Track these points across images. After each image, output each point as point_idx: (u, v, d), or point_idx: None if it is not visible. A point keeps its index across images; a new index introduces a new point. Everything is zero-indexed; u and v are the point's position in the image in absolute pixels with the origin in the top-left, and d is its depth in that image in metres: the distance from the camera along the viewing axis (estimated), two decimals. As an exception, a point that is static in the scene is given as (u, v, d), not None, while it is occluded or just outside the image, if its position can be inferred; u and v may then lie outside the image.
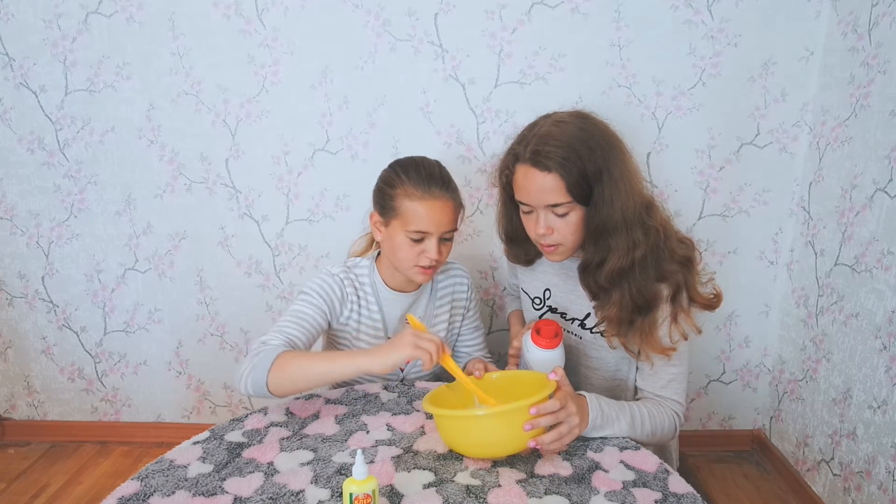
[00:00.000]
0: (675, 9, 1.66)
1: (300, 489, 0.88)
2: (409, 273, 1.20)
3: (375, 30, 1.70)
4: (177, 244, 1.90)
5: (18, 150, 1.82)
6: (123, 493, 0.87)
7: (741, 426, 2.04)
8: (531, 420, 0.89)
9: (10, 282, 1.95)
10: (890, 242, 1.44)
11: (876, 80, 1.50)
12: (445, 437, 0.97)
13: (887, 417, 1.44)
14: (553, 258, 1.11)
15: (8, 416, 2.10)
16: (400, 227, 1.16)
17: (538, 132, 1.02)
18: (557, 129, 1.01)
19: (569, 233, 1.05)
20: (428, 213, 1.14)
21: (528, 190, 1.03)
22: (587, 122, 1.04)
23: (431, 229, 1.15)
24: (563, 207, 1.02)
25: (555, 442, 0.92)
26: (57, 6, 1.70)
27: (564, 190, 1.00)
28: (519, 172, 1.04)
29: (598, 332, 1.15)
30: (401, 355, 0.97)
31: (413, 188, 1.15)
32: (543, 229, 1.05)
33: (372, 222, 1.24)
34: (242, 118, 1.78)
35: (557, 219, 1.04)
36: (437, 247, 1.16)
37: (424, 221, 1.14)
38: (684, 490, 0.89)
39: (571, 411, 0.93)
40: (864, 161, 1.54)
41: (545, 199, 1.02)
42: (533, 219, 1.07)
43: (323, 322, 1.20)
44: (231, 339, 1.98)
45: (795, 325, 1.83)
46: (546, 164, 0.99)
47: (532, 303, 1.25)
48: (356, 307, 1.25)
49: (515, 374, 1.10)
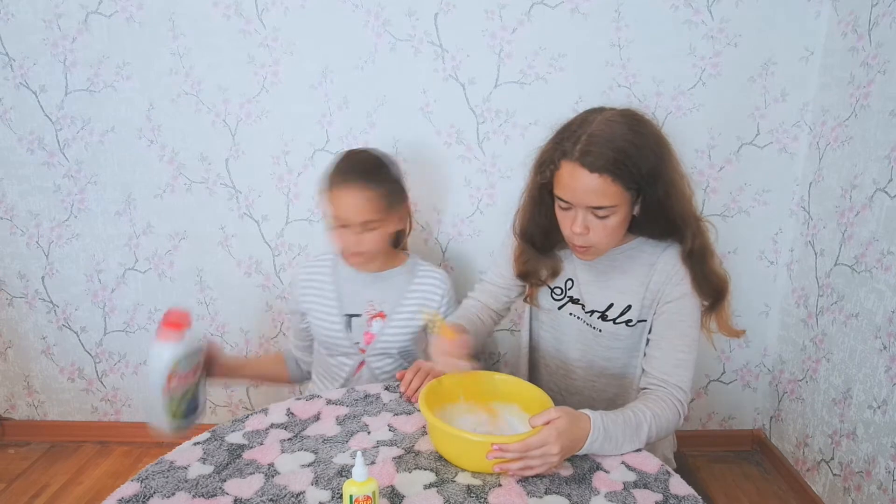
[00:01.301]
0: (675, 9, 1.66)
1: (301, 490, 0.88)
2: (344, 258, 1.31)
3: (375, 30, 1.70)
4: (177, 244, 1.90)
5: (18, 150, 1.82)
6: (123, 494, 0.87)
7: (741, 426, 2.04)
8: (495, 453, 0.89)
9: (10, 282, 1.95)
10: (890, 242, 1.44)
11: (876, 80, 1.50)
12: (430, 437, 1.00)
13: (887, 417, 1.44)
14: (584, 258, 1.11)
15: (8, 416, 2.10)
16: (328, 216, 1.25)
17: (588, 130, 1.00)
18: (609, 130, 0.99)
19: (605, 235, 1.05)
20: (337, 203, 1.22)
21: (574, 189, 1.01)
22: (639, 125, 1.02)
23: (341, 220, 1.22)
24: (605, 210, 1.02)
25: (523, 470, 0.90)
26: (57, 6, 1.70)
27: (611, 193, 1.00)
28: (565, 169, 1.02)
29: (622, 321, 1.15)
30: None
31: (332, 179, 1.23)
32: (581, 228, 1.04)
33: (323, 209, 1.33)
34: (242, 118, 1.78)
35: (597, 220, 1.03)
36: (353, 236, 1.21)
37: (336, 212, 1.22)
38: (685, 492, 0.89)
39: (549, 451, 0.89)
40: (864, 161, 1.54)
41: (589, 200, 1.01)
42: (570, 216, 1.06)
43: (298, 320, 1.41)
44: (231, 339, 1.98)
45: (795, 325, 1.83)
46: (597, 165, 0.98)
47: (552, 293, 1.24)
48: (318, 291, 1.35)
49: (518, 381, 1.09)
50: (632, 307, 1.14)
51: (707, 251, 1.10)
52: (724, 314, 1.13)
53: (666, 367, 1.09)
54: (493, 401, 1.06)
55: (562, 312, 1.21)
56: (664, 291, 1.11)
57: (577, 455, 0.96)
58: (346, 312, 1.34)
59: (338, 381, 1.39)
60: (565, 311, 1.21)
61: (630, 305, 1.14)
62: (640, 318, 1.14)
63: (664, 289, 1.11)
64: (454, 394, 1.05)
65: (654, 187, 1.01)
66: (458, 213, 1.84)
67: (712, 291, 1.11)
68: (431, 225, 1.86)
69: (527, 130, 1.75)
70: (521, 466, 0.89)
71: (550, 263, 1.20)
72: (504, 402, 1.06)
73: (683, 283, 1.10)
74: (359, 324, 1.35)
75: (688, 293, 1.10)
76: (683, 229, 1.07)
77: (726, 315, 1.13)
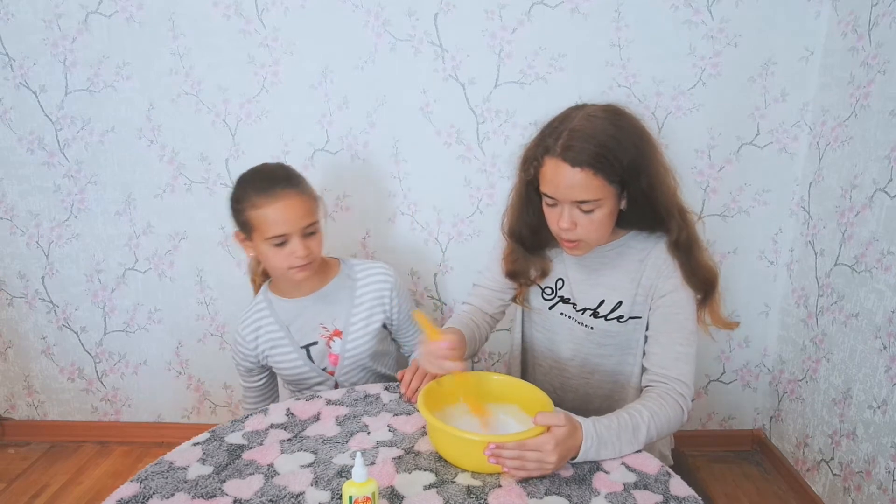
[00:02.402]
0: (675, 9, 1.66)
1: (300, 491, 0.88)
2: (287, 276, 1.22)
3: (375, 30, 1.70)
4: (177, 244, 1.90)
5: (18, 150, 1.82)
6: (123, 494, 0.87)
7: (741, 426, 2.04)
8: (491, 450, 0.89)
9: (10, 282, 1.95)
10: (890, 242, 1.44)
11: (876, 80, 1.50)
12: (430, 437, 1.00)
13: (887, 417, 1.44)
14: (574, 253, 1.11)
15: (8, 416, 2.10)
16: (260, 238, 1.18)
17: (570, 126, 1.02)
18: (590, 125, 1.01)
19: (592, 229, 1.05)
20: (277, 215, 1.15)
21: (557, 184, 1.03)
22: (620, 118, 1.04)
23: (287, 229, 1.16)
24: (589, 204, 1.02)
25: (518, 470, 0.90)
26: (57, 6, 1.70)
27: (594, 187, 1.01)
28: (548, 165, 1.03)
29: (613, 318, 1.15)
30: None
31: (256, 197, 1.16)
32: (567, 224, 1.05)
33: (239, 242, 1.25)
34: (242, 118, 1.78)
35: (582, 215, 1.04)
36: (301, 244, 1.17)
37: (279, 225, 1.16)
38: (685, 493, 0.89)
39: (546, 459, 0.89)
40: (864, 161, 1.54)
41: (573, 194, 1.02)
42: (557, 212, 1.07)
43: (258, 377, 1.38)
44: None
45: (795, 325, 1.83)
46: (578, 160, 0.99)
47: (542, 293, 1.24)
48: (269, 336, 1.30)
49: (518, 382, 1.09)
50: (623, 303, 1.14)
51: (694, 242, 1.10)
52: (715, 306, 1.13)
53: (665, 362, 1.09)
54: (493, 401, 1.06)
55: (553, 312, 1.22)
56: (656, 286, 1.11)
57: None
58: (301, 345, 1.30)
59: None
60: (556, 311, 1.21)
61: (621, 301, 1.14)
62: (631, 315, 1.14)
63: (656, 283, 1.11)
64: (454, 395, 1.05)
65: (638, 180, 1.02)
66: (458, 213, 1.84)
67: (702, 283, 1.11)
68: (431, 225, 1.86)
69: (527, 130, 1.75)
70: (516, 465, 0.89)
71: (540, 263, 1.21)
72: (504, 402, 1.06)
73: (675, 276, 1.10)
74: (319, 350, 1.30)
75: (680, 286, 1.10)
76: (668, 221, 1.07)
77: (718, 307, 1.14)
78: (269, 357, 1.31)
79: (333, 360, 1.31)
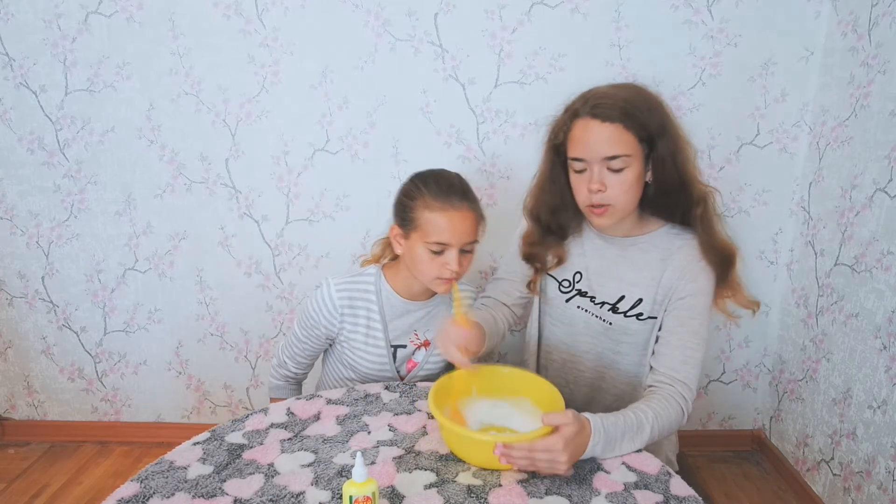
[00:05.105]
0: (675, 9, 1.66)
1: (301, 491, 0.88)
2: (430, 284, 1.20)
3: (375, 30, 1.70)
4: (177, 244, 1.90)
5: (18, 150, 1.82)
6: (123, 494, 0.87)
7: (741, 426, 2.05)
8: (501, 450, 0.90)
9: (10, 282, 1.95)
10: (890, 242, 1.44)
11: (876, 80, 1.50)
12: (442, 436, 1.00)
13: (887, 417, 1.44)
14: (601, 221, 1.11)
15: (8, 416, 2.10)
16: (420, 239, 1.16)
17: (596, 92, 1.07)
18: (616, 90, 1.06)
19: (621, 192, 1.06)
20: (448, 224, 1.14)
21: (587, 141, 1.05)
22: (643, 89, 1.09)
23: (452, 241, 1.14)
24: (620, 161, 1.04)
25: (529, 467, 0.90)
26: (57, 6, 1.70)
27: (624, 141, 1.03)
28: (578, 127, 1.06)
29: (632, 314, 1.15)
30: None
31: (433, 199, 1.14)
32: (597, 185, 1.06)
33: (392, 235, 1.23)
34: (242, 118, 1.78)
35: (612, 175, 1.05)
36: (457, 258, 1.15)
37: (445, 233, 1.14)
38: (686, 493, 0.89)
39: (557, 459, 0.89)
40: (864, 161, 1.54)
41: (603, 150, 1.04)
42: (586, 177, 1.08)
43: (318, 345, 1.33)
44: (231, 339, 1.98)
45: (795, 325, 1.83)
46: (609, 115, 1.03)
47: (559, 285, 1.24)
48: (360, 320, 1.26)
49: (529, 375, 1.09)
50: (643, 301, 1.14)
51: (714, 215, 1.12)
52: (734, 284, 1.15)
53: (674, 364, 1.09)
54: (504, 394, 1.08)
55: (569, 305, 1.22)
56: (677, 287, 1.11)
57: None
58: (393, 344, 1.28)
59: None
60: (573, 304, 1.22)
61: (641, 299, 1.14)
62: (650, 314, 1.15)
63: (677, 285, 1.11)
64: (466, 387, 1.06)
65: (663, 140, 1.05)
66: (458, 213, 1.84)
67: (719, 258, 1.12)
68: (431, 225, 1.85)
69: (527, 130, 1.75)
70: (526, 465, 0.90)
71: (556, 250, 1.22)
72: (515, 395, 1.07)
73: (697, 281, 1.11)
74: (403, 354, 1.30)
75: (700, 290, 1.11)
76: (691, 188, 1.09)
77: (737, 285, 1.15)
78: (350, 339, 1.28)
79: (411, 366, 1.32)
